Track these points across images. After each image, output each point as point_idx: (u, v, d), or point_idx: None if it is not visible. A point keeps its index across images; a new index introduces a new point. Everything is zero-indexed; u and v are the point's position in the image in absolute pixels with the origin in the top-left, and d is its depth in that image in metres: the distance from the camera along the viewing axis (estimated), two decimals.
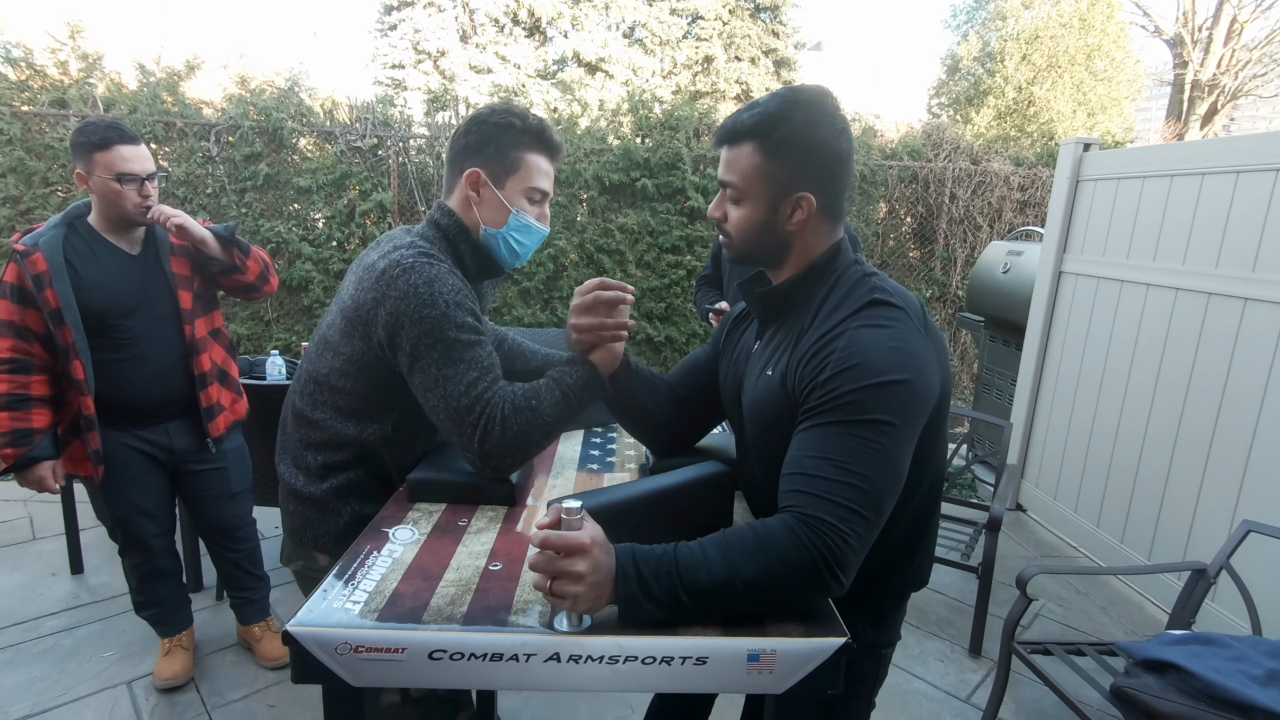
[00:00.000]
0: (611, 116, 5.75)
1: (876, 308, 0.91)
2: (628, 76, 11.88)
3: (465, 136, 1.19)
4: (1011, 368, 3.87)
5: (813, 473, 0.84)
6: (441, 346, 1.06)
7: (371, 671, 0.78)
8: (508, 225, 1.20)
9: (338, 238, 5.16)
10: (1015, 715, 2.12)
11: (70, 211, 1.84)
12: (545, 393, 1.11)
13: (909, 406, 0.86)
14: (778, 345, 1.02)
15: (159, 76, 4.97)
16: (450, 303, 1.07)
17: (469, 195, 1.19)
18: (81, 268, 1.78)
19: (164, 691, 2.05)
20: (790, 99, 0.95)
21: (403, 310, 1.06)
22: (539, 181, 1.21)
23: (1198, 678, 1.53)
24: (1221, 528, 2.42)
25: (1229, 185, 2.50)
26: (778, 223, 0.98)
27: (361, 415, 1.18)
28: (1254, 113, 21.01)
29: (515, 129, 1.18)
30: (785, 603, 0.82)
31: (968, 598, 2.69)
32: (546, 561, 0.77)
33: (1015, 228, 6.17)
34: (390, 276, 1.07)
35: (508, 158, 1.18)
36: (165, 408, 1.93)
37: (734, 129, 0.97)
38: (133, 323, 1.83)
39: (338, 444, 1.19)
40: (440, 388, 1.06)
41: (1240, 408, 2.40)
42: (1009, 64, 11.95)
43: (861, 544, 0.82)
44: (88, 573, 2.69)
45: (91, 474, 1.87)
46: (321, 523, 1.20)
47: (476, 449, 1.06)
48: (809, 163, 0.94)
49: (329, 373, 1.17)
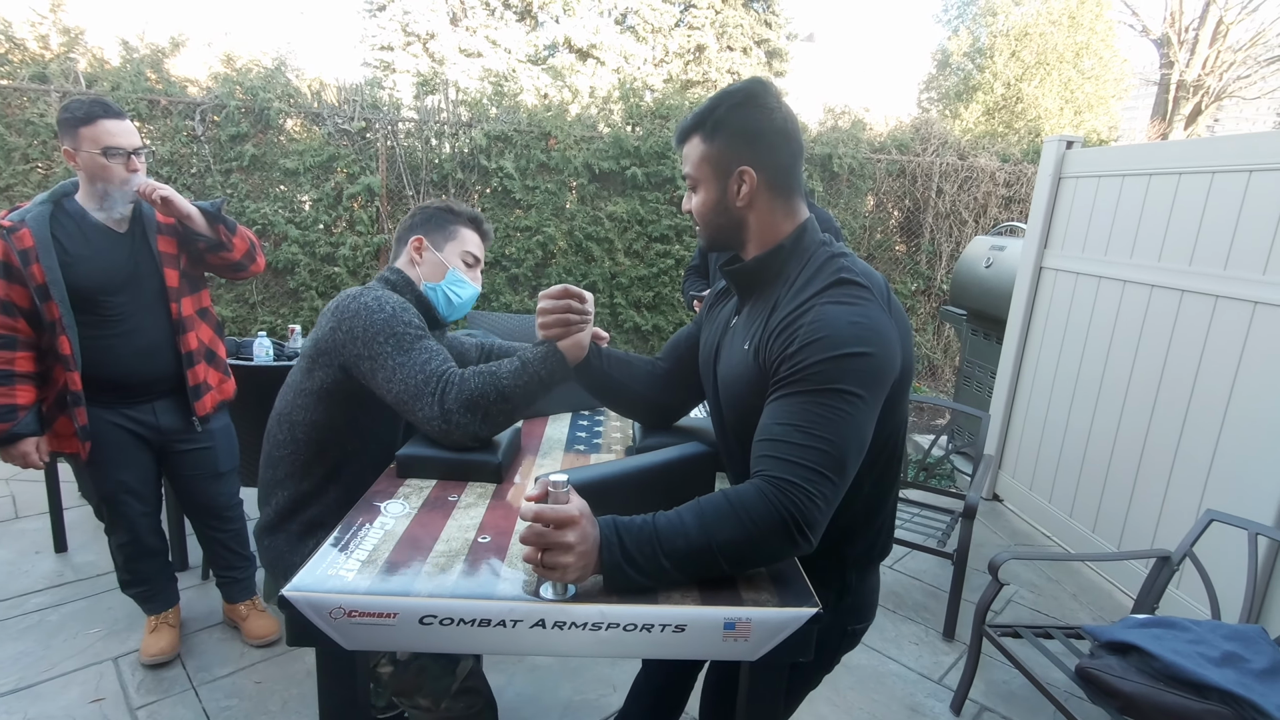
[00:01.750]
0: (602, 103, 5.74)
1: (843, 286, 0.97)
2: (619, 64, 11.82)
3: (412, 219, 1.48)
4: (992, 360, 3.95)
5: (781, 438, 0.90)
6: (394, 340, 1.21)
7: (364, 635, 0.81)
8: (445, 280, 1.44)
9: (325, 221, 5.13)
10: (985, 696, 2.19)
11: (57, 190, 1.84)
12: (505, 363, 1.24)
13: (872, 377, 0.91)
14: (752, 320, 1.08)
15: (143, 53, 4.90)
16: (396, 307, 1.25)
17: (414, 257, 1.44)
18: (69, 244, 1.78)
19: (150, 668, 2.07)
20: (723, 92, 1.05)
21: (356, 323, 1.23)
22: (471, 248, 1.48)
23: (1158, 659, 1.60)
24: (1187, 517, 2.50)
25: (1204, 185, 2.57)
26: (728, 201, 1.06)
27: (320, 443, 1.32)
28: (1238, 114, 21.27)
29: (453, 212, 1.49)
30: (758, 560, 0.88)
31: (943, 583, 2.77)
32: (537, 535, 0.80)
33: (1000, 223, 6.25)
34: (342, 306, 1.26)
35: (447, 228, 1.47)
36: (152, 385, 1.94)
37: (682, 128, 1.08)
38: (120, 300, 1.83)
39: (296, 478, 1.33)
40: (400, 373, 1.19)
41: (1208, 402, 2.48)
42: (998, 60, 12.01)
43: (827, 504, 0.88)
44: (72, 551, 2.69)
45: (78, 450, 1.87)
46: (291, 553, 1.33)
47: (437, 411, 1.16)
48: (743, 140, 1.03)
49: (291, 410, 1.33)
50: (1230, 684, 1.51)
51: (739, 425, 1.04)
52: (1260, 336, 2.30)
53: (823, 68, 42.54)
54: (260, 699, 1.99)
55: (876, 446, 0.99)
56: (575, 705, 2.04)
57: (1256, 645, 1.63)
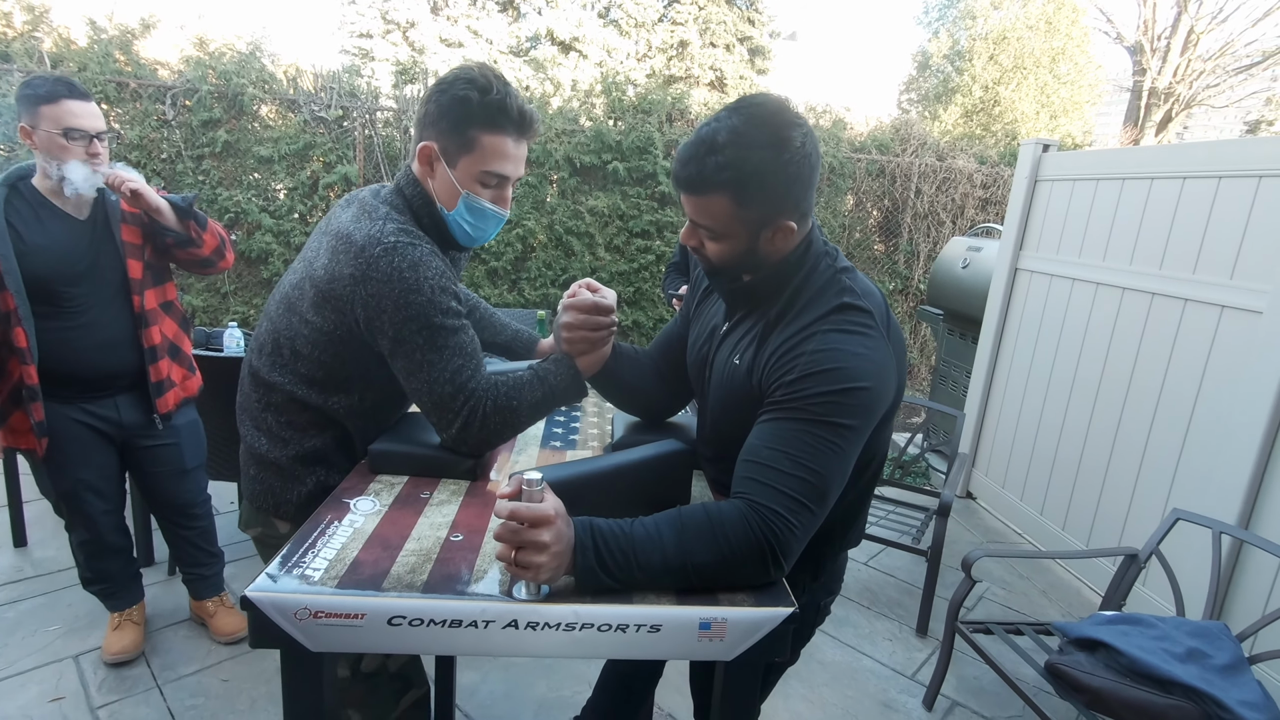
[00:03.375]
0: (584, 97, 5.70)
1: (846, 312, 0.95)
2: (602, 57, 11.76)
3: (426, 104, 1.11)
4: (968, 360, 4.00)
5: (769, 464, 0.89)
6: (427, 333, 1.04)
7: (330, 637, 0.78)
8: (457, 209, 1.13)
9: (300, 210, 5.04)
10: (957, 691, 2.21)
11: (12, 172, 1.76)
12: (526, 392, 1.12)
13: (867, 410, 0.91)
14: (745, 332, 1.06)
15: (111, 34, 4.76)
16: (435, 288, 1.04)
17: (424, 169, 1.13)
18: (25, 231, 1.70)
19: (113, 666, 2.01)
20: (752, 141, 0.90)
21: (386, 294, 1.02)
22: (494, 165, 1.11)
23: (1124, 655, 1.63)
24: (1154, 516, 2.56)
25: (1175, 190, 2.61)
26: (759, 248, 0.99)
27: (326, 385, 1.15)
28: (1206, 121, 21.77)
29: (471, 104, 1.05)
30: (730, 583, 0.87)
31: (917, 580, 2.79)
32: (512, 533, 0.79)
33: (977, 224, 6.33)
34: (371, 255, 1.02)
35: (463, 135, 1.08)
36: (113, 380, 1.87)
37: (699, 180, 0.93)
38: (79, 291, 1.76)
39: (299, 407, 1.16)
40: (424, 373, 1.06)
41: (1176, 403, 2.53)
42: (977, 63, 12.17)
43: (805, 534, 0.89)
44: (31, 546, 2.61)
45: (34, 447, 1.80)
46: (284, 490, 1.18)
47: (455, 435, 1.09)
48: (783, 199, 0.95)
49: (293, 338, 1.13)
50: (1193, 679, 1.54)
51: (731, 432, 1.02)
52: (1226, 339, 2.35)
53: (805, 66, 42.73)
54: (227, 697, 1.95)
55: (863, 461, 1.00)
56: (550, 702, 2.02)
57: (1219, 641, 1.67)
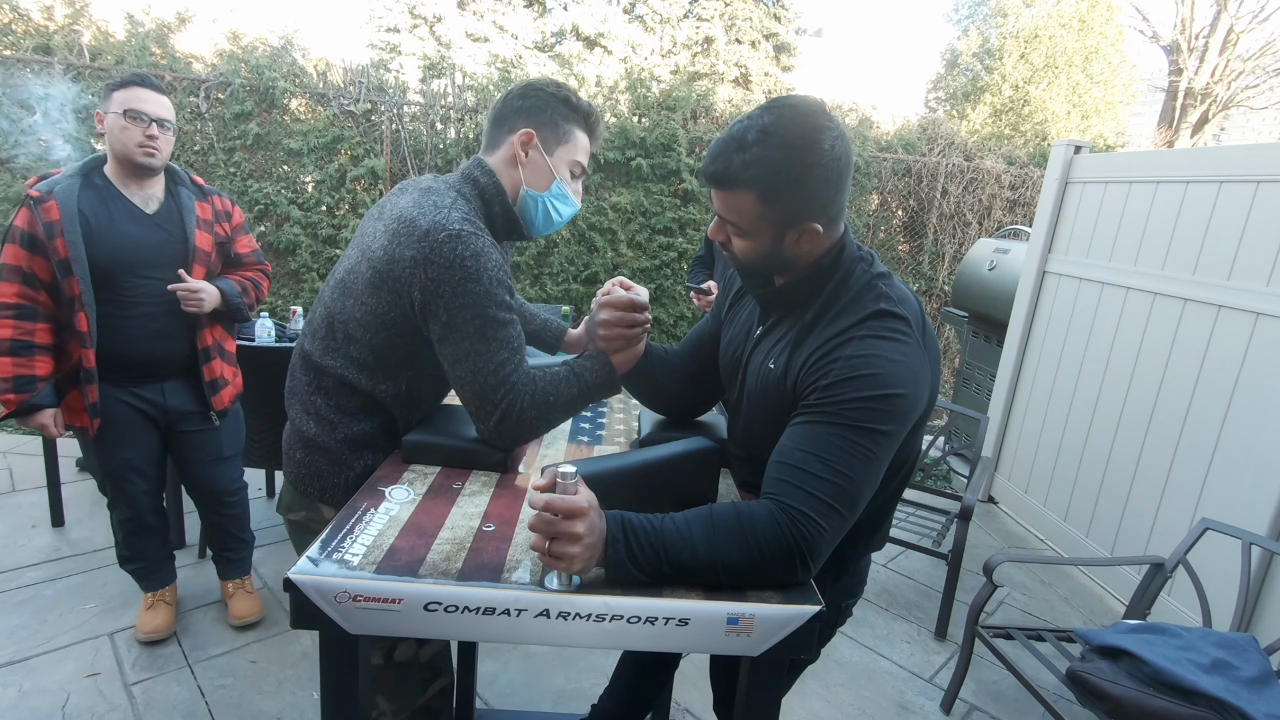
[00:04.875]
0: (609, 93, 5.71)
1: (882, 319, 0.95)
2: (626, 53, 11.75)
3: (521, 99, 1.19)
4: (992, 363, 3.95)
5: (801, 466, 0.89)
6: (479, 323, 1.06)
7: (368, 620, 0.81)
8: (550, 191, 1.21)
9: (327, 202, 5.11)
10: (975, 695, 2.20)
11: (88, 161, 1.84)
12: (564, 388, 1.15)
13: (902, 417, 0.92)
14: (780, 337, 1.06)
15: (148, 27, 4.86)
16: (494, 279, 1.07)
17: (517, 154, 1.18)
18: (93, 219, 1.78)
19: (146, 645, 2.07)
20: (781, 141, 0.91)
21: (445, 279, 1.04)
22: (582, 156, 1.24)
23: (1148, 664, 1.61)
24: (1182, 525, 2.52)
25: (1211, 194, 2.57)
26: (784, 249, 1.00)
27: (375, 370, 1.16)
28: (1244, 123, 21.23)
29: (570, 104, 1.21)
30: (758, 583, 0.87)
31: (936, 583, 2.78)
32: (546, 524, 0.80)
33: (1004, 225, 6.25)
34: (435, 240, 1.04)
35: (560, 128, 1.20)
36: (162, 368, 1.94)
37: (727, 177, 0.95)
38: (139, 281, 1.83)
39: (348, 391, 1.17)
40: (470, 361, 1.07)
41: (1207, 412, 2.49)
42: (1007, 62, 11.97)
43: (835, 538, 0.89)
44: (69, 526, 2.69)
45: (86, 425, 1.88)
46: (331, 474, 1.18)
47: (491, 428, 1.11)
48: (810, 200, 0.95)
49: (347, 321, 1.14)
50: (1219, 690, 1.52)
51: (764, 434, 1.02)
52: (1261, 348, 2.31)
53: (831, 64, 42.27)
54: (255, 679, 2.00)
55: (893, 467, 1.00)
56: (569, 693, 2.05)
57: (1246, 653, 1.65)
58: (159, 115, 1.79)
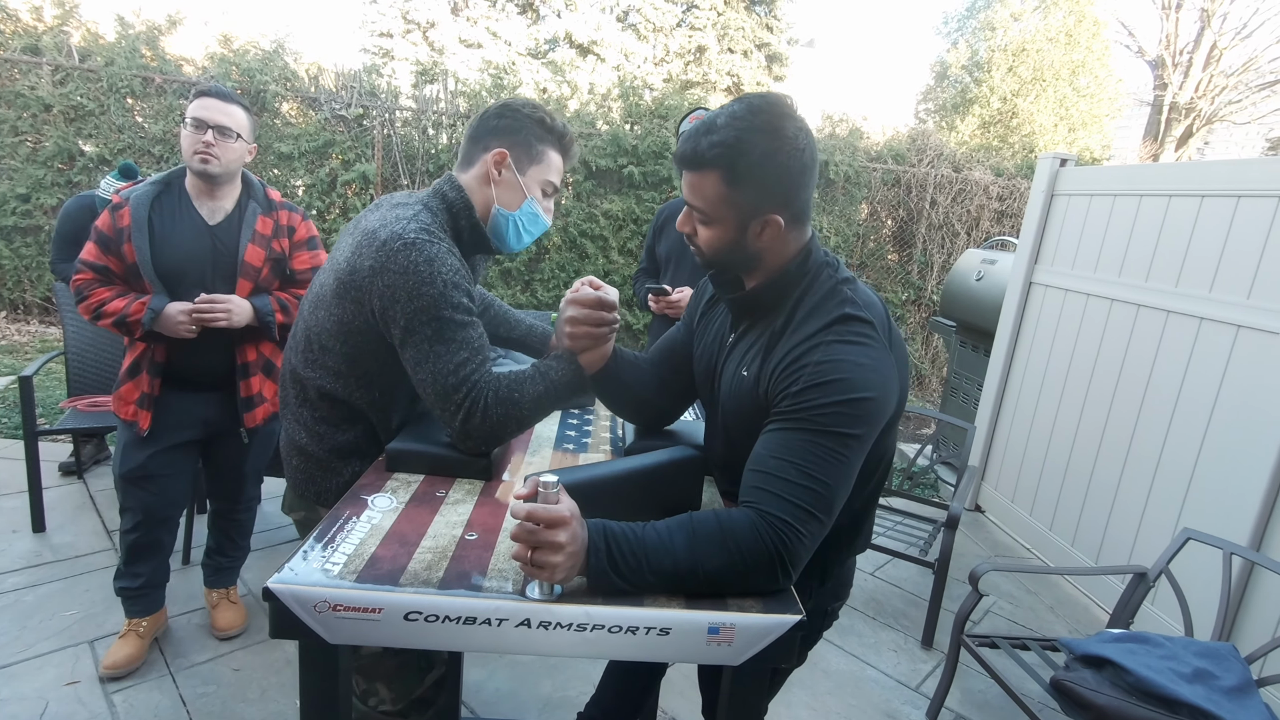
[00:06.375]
0: (601, 101, 5.73)
1: (848, 323, 0.97)
2: (619, 61, 11.81)
3: (497, 119, 1.23)
4: (979, 373, 3.98)
5: (777, 473, 0.90)
6: (435, 325, 1.08)
7: (348, 630, 0.80)
8: (521, 209, 1.24)
9: (318, 207, 5.10)
10: (961, 704, 2.21)
11: (173, 171, 1.90)
12: (529, 385, 1.15)
13: (871, 419, 0.93)
14: (751, 344, 1.07)
15: (138, 29, 4.84)
16: (448, 283, 1.09)
17: (490, 173, 1.22)
18: (160, 225, 1.82)
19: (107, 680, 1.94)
20: (748, 125, 0.95)
21: (400, 285, 1.07)
22: (554, 176, 1.28)
23: (1131, 673, 1.63)
24: (1164, 535, 2.54)
25: (1194, 208, 2.60)
26: (747, 241, 1.02)
27: (349, 379, 1.19)
28: (1227, 138, 21.54)
29: (545, 124, 1.24)
30: (739, 590, 0.88)
31: (923, 592, 2.79)
32: (528, 533, 0.80)
33: (991, 236, 6.30)
34: (391, 249, 1.08)
35: (534, 148, 1.23)
36: (206, 378, 1.95)
37: (695, 157, 0.98)
38: (190, 291, 1.83)
39: (329, 402, 1.21)
40: (430, 364, 1.09)
41: (1189, 422, 2.51)
42: (995, 75, 12.11)
43: (813, 543, 0.90)
44: (50, 531, 2.66)
45: (134, 418, 1.88)
46: (324, 479, 1.24)
47: (458, 428, 1.11)
48: (773, 188, 0.97)
49: (321, 333, 1.18)
50: (1200, 700, 1.54)
51: (742, 440, 1.03)
52: (1242, 360, 2.34)
53: (822, 74, 42.60)
54: (238, 687, 1.97)
55: (869, 468, 1.02)
56: (555, 701, 2.04)
57: (1227, 663, 1.66)
58: (217, 122, 1.81)
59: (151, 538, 2.01)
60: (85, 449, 3.16)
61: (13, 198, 4.76)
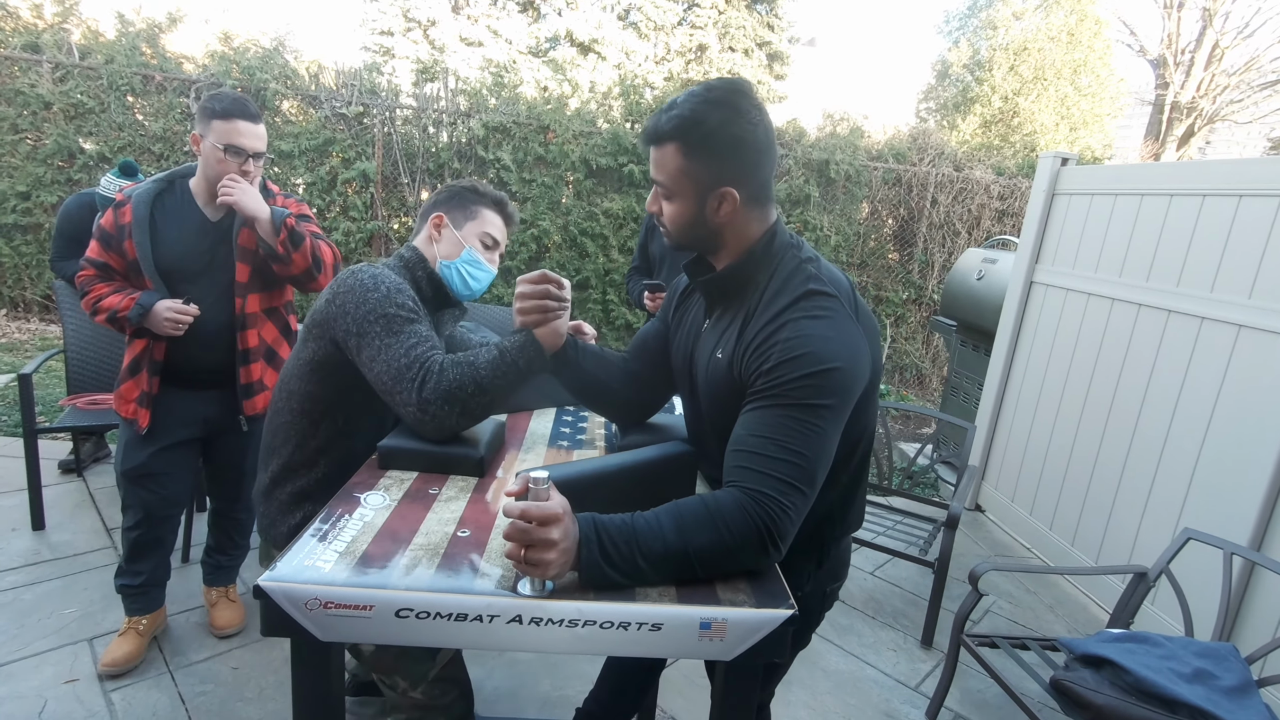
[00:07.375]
0: (602, 99, 5.73)
1: (813, 298, 0.99)
2: (620, 59, 11.80)
3: (436, 196, 1.48)
4: (980, 372, 3.97)
5: (756, 450, 0.92)
6: (384, 321, 1.21)
7: (340, 627, 0.80)
8: (460, 258, 1.43)
9: (318, 205, 5.09)
10: (961, 704, 2.20)
11: (176, 170, 1.90)
12: (483, 353, 1.22)
13: (843, 389, 0.95)
14: (724, 328, 1.09)
15: (138, 27, 4.84)
16: (392, 289, 1.25)
17: (431, 234, 1.44)
18: (162, 225, 1.83)
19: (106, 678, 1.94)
20: (704, 99, 1.00)
21: (350, 299, 1.23)
22: (492, 230, 1.47)
23: (1130, 673, 1.62)
24: (1165, 535, 2.53)
25: (1195, 208, 2.59)
26: (706, 216, 1.04)
27: (313, 414, 1.32)
28: (1229, 137, 21.49)
29: (477, 192, 1.48)
30: (730, 568, 0.90)
31: (923, 591, 2.78)
32: (521, 532, 0.80)
33: (993, 235, 6.29)
34: (340, 280, 1.27)
35: (469, 208, 1.46)
36: (206, 375, 1.94)
37: (655, 131, 1.03)
38: (193, 288, 1.84)
39: (294, 446, 1.33)
40: (384, 355, 1.19)
41: (1190, 422, 2.50)
42: (997, 73, 12.09)
43: (798, 515, 0.92)
44: (49, 529, 2.66)
45: (134, 416, 1.88)
46: (279, 522, 1.36)
47: (415, 399, 1.15)
48: (727, 159, 1.01)
49: (289, 379, 1.34)
50: (1200, 700, 1.53)
51: (723, 425, 1.05)
52: (1243, 359, 2.33)
53: (823, 73, 42.58)
54: (236, 685, 1.97)
55: (850, 444, 1.04)
56: (554, 700, 2.03)
57: (1227, 663, 1.66)
58: (255, 149, 1.82)
59: (153, 535, 2.01)
60: (84, 447, 3.16)
61: (13, 195, 4.77)
